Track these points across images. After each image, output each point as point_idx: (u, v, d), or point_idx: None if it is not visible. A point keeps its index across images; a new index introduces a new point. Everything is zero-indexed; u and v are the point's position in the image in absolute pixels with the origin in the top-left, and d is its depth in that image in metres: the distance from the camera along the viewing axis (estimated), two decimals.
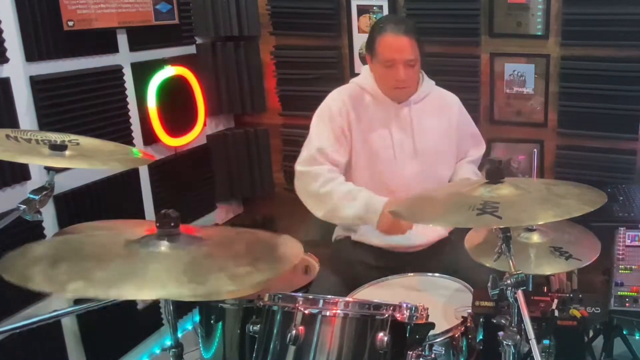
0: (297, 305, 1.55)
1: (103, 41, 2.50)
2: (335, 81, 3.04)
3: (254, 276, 1.36)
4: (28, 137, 1.74)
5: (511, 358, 1.59)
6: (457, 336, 1.79)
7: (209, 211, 3.24)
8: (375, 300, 1.57)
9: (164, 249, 1.38)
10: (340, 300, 1.56)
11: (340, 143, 2.23)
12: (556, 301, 1.88)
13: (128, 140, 2.62)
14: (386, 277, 2.12)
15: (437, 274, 2.14)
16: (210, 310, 2.07)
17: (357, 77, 2.34)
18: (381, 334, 1.50)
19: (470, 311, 1.85)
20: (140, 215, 2.72)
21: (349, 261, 2.27)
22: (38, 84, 2.22)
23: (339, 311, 1.54)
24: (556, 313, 1.83)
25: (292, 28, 3.12)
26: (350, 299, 1.61)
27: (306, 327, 1.52)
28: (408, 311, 1.54)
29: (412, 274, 2.16)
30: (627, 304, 1.92)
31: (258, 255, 1.48)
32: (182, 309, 2.90)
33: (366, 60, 2.26)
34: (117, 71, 2.57)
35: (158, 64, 2.76)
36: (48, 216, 2.27)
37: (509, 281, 1.54)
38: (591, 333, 2.37)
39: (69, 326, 2.41)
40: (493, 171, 1.73)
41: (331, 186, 2.13)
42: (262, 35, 3.21)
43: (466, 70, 2.91)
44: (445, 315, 1.88)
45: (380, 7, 2.94)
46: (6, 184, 2.12)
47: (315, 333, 1.52)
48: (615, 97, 2.71)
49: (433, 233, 2.30)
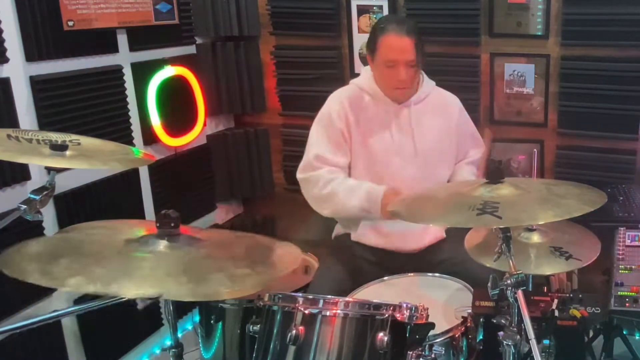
0: (297, 305, 1.55)
1: (103, 41, 2.50)
2: (335, 81, 3.04)
3: (252, 278, 1.36)
4: (29, 137, 1.73)
5: (511, 358, 1.60)
6: (457, 336, 1.79)
7: (209, 211, 3.24)
8: (375, 300, 1.57)
9: (164, 249, 1.39)
10: (340, 300, 1.56)
11: (339, 147, 2.25)
12: (556, 301, 1.88)
13: (128, 140, 2.62)
14: (386, 277, 2.12)
15: (437, 274, 2.14)
16: (210, 310, 2.08)
17: (357, 78, 2.34)
18: (381, 334, 1.50)
19: (470, 311, 1.85)
20: (140, 215, 2.72)
21: (348, 257, 2.28)
22: (38, 84, 2.22)
23: (339, 311, 1.54)
24: (556, 313, 1.83)
25: (292, 28, 3.12)
26: (350, 299, 1.62)
27: (306, 327, 1.52)
28: (408, 311, 1.54)
29: (412, 274, 2.16)
30: (627, 304, 1.92)
31: (257, 258, 1.49)
32: (182, 309, 2.90)
33: (367, 60, 2.26)
34: (117, 71, 2.57)
35: (158, 64, 2.76)
36: (48, 216, 2.27)
37: (509, 281, 1.54)
38: (591, 333, 2.37)
39: (69, 326, 2.41)
40: (493, 171, 1.73)
41: (332, 186, 2.17)
42: (262, 35, 3.21)
43: (466, 70, 2.91)
44: (445, 315, 1.88)
45: (380, 7, 2.94)
46: (6, 184, 2.13)
47: (315, 333, 1.53)
48: (615, 97, 2.71)
49: (430, 235, 2.30)
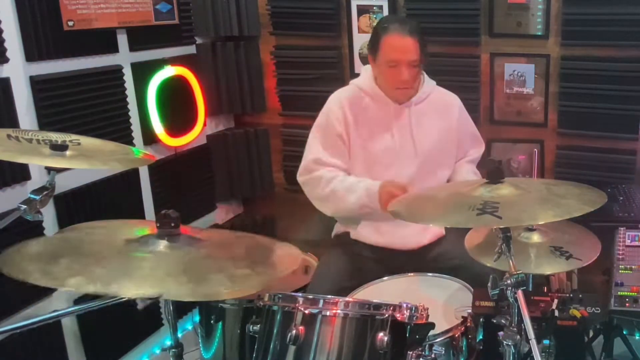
0: (297, 305, 1.55)
1: (103, 41, 2.50)
2: (335, 81, 3.04)
3: (252, 279, 1.36)
4: (29, 137, 1.73)
5: (511, 358, 1.59)
6: (457, 336, 1.79)
7: (209, 211, 3.24)
8: (375, 300, 1.57)
9: (164, 249, 1.39)
10: (340, 300, 1.56)
11: (337, 151, 2.27)
12: (556, 301, 1.88)
13: (128, 140, 2.62)
14: (386, 277, 2.12)
15: (437, 274, 2.14)
16: (210, 310, 2.08)
17: (357, 79, 2.34)
18: (381, 334, 1.50)
19: (470, 311, 1.85)
20: (140, 215, 2.72)
21: (348, 255, 2.28)
22: (38, 84, 2.22)
23: (339, 311, 1.54)
24: (556, 313, 1.83)
25: (292, 28, 3.12)
26: (350, 299, 1.62)
27: (306, 327, 1.52)
28: (408, 311, 1.54)
29: (412, 274, 2.16)
30: (627, 304, 1.92)
31: (257, 258, 1.49)
32: (182, 309, 2.90)
33: (368, 60, 2.26)
34: (117, 71, 2.57)
35: (158, 64, 2.76)
36: (48, 216, 2.27)
37: (509, 281, 1.53)
38: (591, 333, 2.37)
39: (69, 326, 2.41)
40: (493, 171, 1.73)
41: (333, 185, 2.20)
42: (262, 35, 3.21)
43: (466, 70, 2.91)
44: (445, 315, 1.88)
45: (380, 7, 2.94)
46: (6, 184, 2.12)
47: (315, 333, 1.53)
48: (615, 97, 2.71)
49: (429, 233, 2.30)
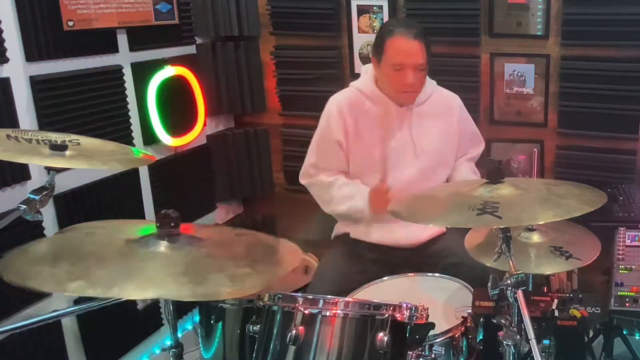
0: (297, 305, 1.55)
1: (103, 41, 2.50)
2: (335, 81, 3.05)
3: (253, 278, 1.36)
4: (28, 137, 1.73)
5: (511, 358, 1.59)
6: (457, 336, 1.79)
7: (209, 211, 3.24)
8: (375, 300, 1.57)
9: (164, 249, 1.39)
10: (340, 300, 1.56)
11: (334, 156, 2.28)
12: (556, 301, 1.88)
13: (128, 140, 2.62)
14: (386, 277, 2.12)
15: (437, 274, 2.14)
16: (210, 310, 2.08)
17: (357, 81, 2.33)
18: (381, 334, 1.50)
19: (470, 311, 1.85)
20: (140, 215, 2.72)
21: (348, 255, 2.28)
22: (38, 84, 2.22)
23: (339, 311, 1.54)
24: (556, 313, 1.83)
25: (292, 28, 3.12)
26: (350, 299, 1.62)
27: (306, 327, 1.52)
28: (408, 311, 1.54)
29: (412, 274, 2.16)
30: (627, 304, 1.92)
31: (257, 257, 1.48)
32: (182, 309, 2.90)
33: (371, 61, 2.25)
34: (117, 71, 2.57)
35: (158, 64, 2.76)
36: (48, 216, 2.27)
37: (509, 281, 1.53)
38: (591, 333, 2.37)
39: (69, 326, 2.41)
40: (493, 171, 1.73)
41: (331, 193, 2.27)
42: (262, 35, 3.21)
43: (466, 70, 2.90)
44: (445, 315, 1.88)
45: (380, 7, 2.94)
46: (6, 184, 2.12)
47: (315, 333, 1.52)
48: (615, 97, 2.71)
49: (429, 229, 2.30)
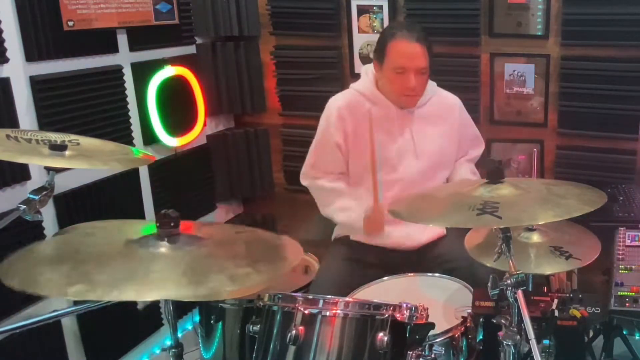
0: (297, 305, 1.55)
1: (103, 41, 2.50)
2: (335, 81, 3.05)
3: (254, 277, 1.36)
4: (28, 137, 1.73)
5: (511, 358, 1.59)
6: (457, 336, 1.79)
7: (209, 211, 3.24)
8: (375, 300, 1.57)
9: (164, 250, 1.38)
10: (340, 300, 1.55)
11: (333, 158, 2.29)
12: (556, 301, 1.88)
13: (128, 140, 2.62)
14: (386, 277, 2.12)
15: (437, 274, 2.14)
16: (210, 310, 2.07)
17: (356, 83, 2.33)
18: (381, 334, 1.50)
19: (470, 311, 1.85)
20: (140, 215, 2.72)
21: (348, 256, 2.28)
22: (38, 84, 2.22)
23: (339, 311, 1.54)
24: (556, 313, 1.83)
25: (292, 28, 3.12)
26: (350, 299, 1.61)
27: (306, 327, 1.52)
28: (408, 311, 1.54)
29: (412, 274, 2.16)
30: (627, 304, 1.92)
31: (258, 256, 1.48)
32: (182, 309, 2.90)
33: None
34: (117, 71, 2.57)
35: (158, 64, 2.76)
36: (48, 216, 2.27)
37: (509, 281, 1.54)
38: (591, 333, 2.37)
39: (69, 326, 2.41)
40: (493, 171, 1.73)
41: (330, 199, 2.29)
42: (262, 35, 3.21)
43: (466, 70, 2.90)
44: (445, 315, 1.88)
45: (380, 7, 2.94)
46: (6, 184, 2.12)
47: (315, 333, 1.52)
48: (615, 97, 2.71)
49: (429, 232, 2.30)
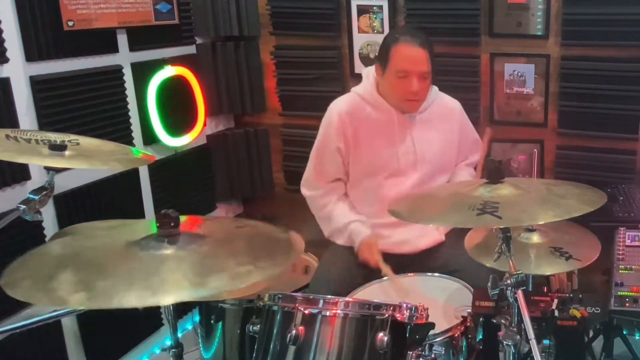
0: (297, 305, 1.55)
1: (103, 41, 2.50)
2: (335, 81, 3.05)
3: (254, 275, 1.34)
4: (28, 137, 1.73)
5: (511, 358, 1.60)
6: (457, 336, 1.79)
7: (209, 211, 3.24)
8: (375, 300, 1.57)
9: (164, 251, 1.36)
10: (340, 300, 1.55)
11: (334, 163, 2.29)
12: (556, 301, 1.87)
13: (128, 140, 2.62)
14: (386, 277, 2.12)
15: (437, 274, 2.14)
16: (210, 310, 2.08)
17: (358, 87, 2.32)
18: (381, 334, 1.50)
19: (470, 311, 1.85)
20: (140, 215, 2.72)
21: (347, 258, 2.27)
22: (38, 84, 2.22)
23: (339, 311, 1.54)
24: (556, 313, 1.83)
25: (292, 28, 3.12)
26: (350, 299, 1.62)
27: (306, 327, 1.52)
28: (408, 311, 1.54)
29: (412, 274, 2.16)
30: (627, 304, 1.92)
31: (258, 253, 1.46)
32: (182, 309, 2.90)
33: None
34: (117, 71, 2.57)
35: (158, 64, 2.76)
36: (48, 216, 2.27)
37: (509, 281, 1.54)
38: (591, 333, 2.37)
39: (69, 326, 2.41)
40: (493, 171, 1.73)
41: (325, 212, 2.33)
42: (262, 35, 3.21)
43: (466, 70, 2.90)
44: (445, 315, 1.88)
45: (380, 7, 2.94)
46: (6, 184, 2.12)
47: (315, 333, 1.52)
48: (615, 97, 2.70)
49: (428, 238, 2.29)
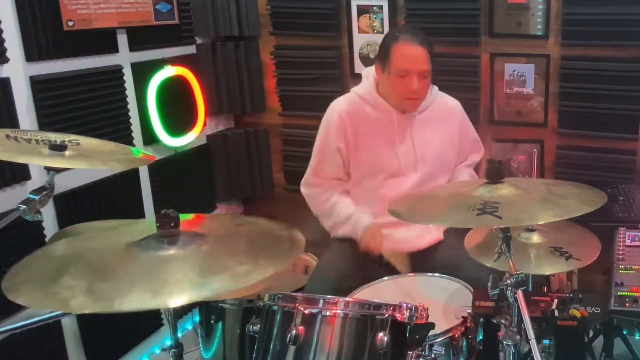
0: (297, 305, 1.55)
1: (103, 41, 2.50)
2: (335, 81, 3.05)
3: (255, 274, 1.34)
4: (28, 137, 1.73)
5: (511, 358, 1.60)
6: (457, 336, 1.78)
7: (209, 211, 3.24)
8: (375, 300, 1.56)
9: (164, 252, 1.35)
10: (340, 300, 1.55)
11: (335, 163, 2.29)
12: (556, 301, 1.87)
13: (128, 140, 2.62)
14: (386, 277, 2.12)
15: (437, 274, 2.14)
16: (210, 310, 2.07)
17: (358, 87, 2.32)
18: (381, 334, 1.49)
19: (470, 311, 1.85)
20: (140, 215, 2.72)
21: (347, 255, 2.27)
22: (38, 84, 2.22)
23: (339, 311, 1.53)
24: (556, 313, 1.83)
25: (292, 28, 3.12)
26: (350, 299, 1.61)
27: (306, 327, 1.52)
28: (408, 311, 1.54)
29: (412, 274, 2.16)
30: (627, 304, 1.92)
31: (259, 250, 1.46)
32: (182, 309, 2.90)
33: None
34: (117, 71, 2.57)
35: (158, 64, 2.76)
36: (48, 216, 2.27)
37: (509, 281, 1.54)
38: (591, 333, 2.37)
39: (69, 326, 2.41)
40: (493, 171, 1.73)
41: (325, 208, 2.32)
42: (262, 35, 3.21)
43: (466, 70, 2.90)
44: (445, 315, 1.88)
45: (380, 7, 2.94)
46: (6, 184, 2.13)
47: (315, 333, 1.52)
48: (615, 97, 2.71)
49: (427, 237, 2.29)
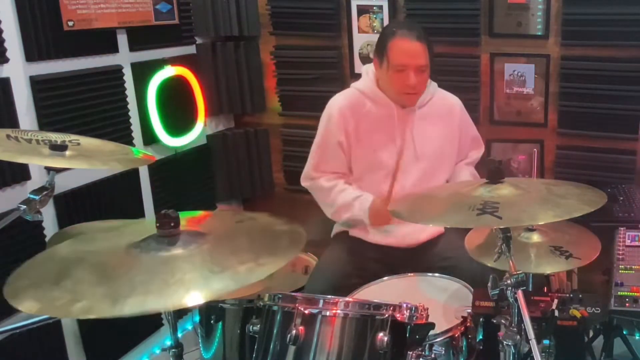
0: (297, 305, 1.55)
1: (103, 41, 2.50)
2: (335, 81, 3.05)
3: (256, 273, 1.33)
4: (28, 137, 1.73)
5: (511, 358, 1.60)
6: (457, 336, 1.79)
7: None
8: (375, 300, 1.57)
9: (164, 253, 1.34)
10: (340, 300, 1.55)
11: (336, 157, 2.29)
12: (556, 301, 1.88)
13: (128, 140, 2.62)
14: (386, 277, 2.12)
15: (437, 274, 2.14)
16: (210, 310, 2.07)
17: (358, 82, 2.33)
18: (381, 334, 1.49)
19: (470, 311, 1.85)
20: (140, 215, 2.72)
21: (347, 254, 2.28)
22: (38, 84, 2.22)
23: (339, 311, 1.53)
24: (556, 313, 1.83)
25: (292, 28, 3.12)
26: (350, 299, 1.61)
27: (306, 327, 1.52)
28: (408, 311, 1.54)
29: (412, 274, 2.16)
30: (627, 304, 1.92)
31: (259, 248, 1.45)
32: (182, 309, 2.89)
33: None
34: (117, 71, 2.57)
35: (158, 64, 2.76)
36: (48, 216, 2.27)
37: (509, 281, 1.54)
38: (591, 333, 2.37)
39: (69, 326, 2.41)
40: (493, 171, 1.73)
41: (331, 197, 2.28)
42: (262, 35, 3.21)
43: (466, 70, 2.90)
44: (445, 315, 1.88)
45: (380, 7, 2.94)
46: (6, 184, 2.12)
47: (315, 333, 1.52)
48: (615, 97, 2.70)
49: (428, 230, 2.30)
